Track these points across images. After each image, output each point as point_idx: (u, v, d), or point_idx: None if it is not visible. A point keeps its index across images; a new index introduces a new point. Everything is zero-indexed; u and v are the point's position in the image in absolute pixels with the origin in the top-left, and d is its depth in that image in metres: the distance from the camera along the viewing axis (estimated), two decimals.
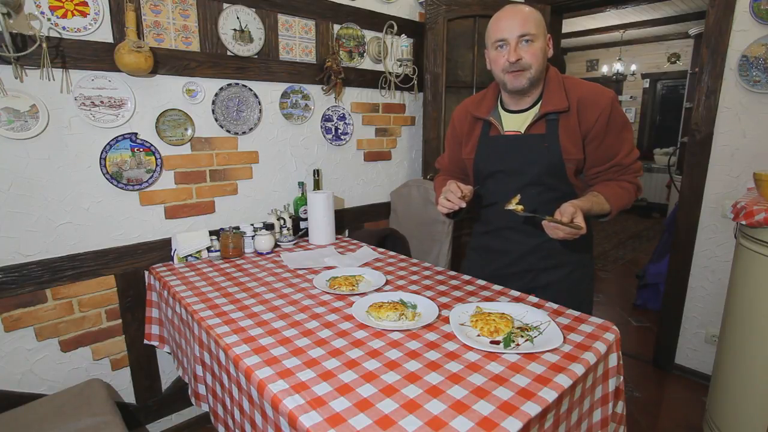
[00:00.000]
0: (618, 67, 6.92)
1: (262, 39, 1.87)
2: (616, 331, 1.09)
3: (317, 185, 2.13)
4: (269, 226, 1.89)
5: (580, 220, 1.07)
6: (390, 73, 2.35)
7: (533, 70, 1.18)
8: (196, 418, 1.92)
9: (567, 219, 1.07)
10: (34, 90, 1.40)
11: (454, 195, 1.20)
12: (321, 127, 2.16)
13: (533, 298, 1.29)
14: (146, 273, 1.69)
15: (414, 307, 1.22)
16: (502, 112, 1.33)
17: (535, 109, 1.25)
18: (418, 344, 1.04)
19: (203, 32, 1.72)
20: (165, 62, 1.63)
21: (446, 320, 1.15)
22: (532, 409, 0.80)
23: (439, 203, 1.25)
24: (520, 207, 1.14)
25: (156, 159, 1.68)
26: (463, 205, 1.20)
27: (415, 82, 2.44)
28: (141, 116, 1.63)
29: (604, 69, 7.32)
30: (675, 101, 6.88)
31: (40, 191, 1.46)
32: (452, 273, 1.53)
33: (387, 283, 1.45)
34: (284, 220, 1.98)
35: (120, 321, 1.69)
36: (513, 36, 1.16)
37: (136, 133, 1.62)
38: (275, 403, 0.84)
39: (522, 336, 1.03)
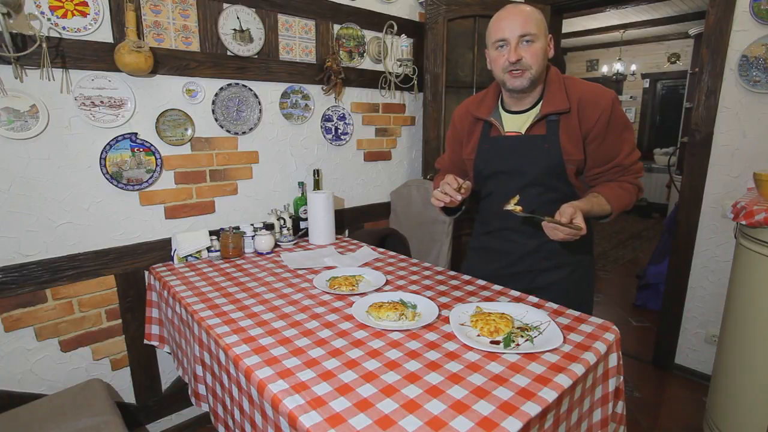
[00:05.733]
0: (618, 67, 6.92)
1: (262, 39, 1.87)
2: (616, 331, 1.09)
3: (317, 185, 2.13)
4: (269, 226, 1.89)
5: (579, 221, 1.07)
6: (390, 73, 2.35)
7: (534, 71, 1.18)
8: (196, 418, 1.93)
9: (566, 220, 1.07)
10: (34, 90, 1.40)
11: (450, 187, 1.18)
12: (321, 127, 2.16)
13: (533, 298, 1.29)
14: (146, 273, 1.69)
15: (414, 307, 1.22)
16: (502, 113, 1.32)
17: (536, 110, 1.25)
18: (418, 344, 1.04)
19: (203, 32, 1.72)
20: (165, 62, 1.63)
21: (446, 320, 1.15)
22: (532, 409, 0.80)
23: (434, 195, 1.22)
24: (518, 207, 1.13)
25: (156, 159, 1.68)
26: (459, 198, 1.18)
27: (415, 82, 2.44)
28: (141, 116, 1.63)
29: (604, 69, 7.31)
30: (675, 101, 6.88)
31: (40, 191, 1.46)
32: (452, 273, 1.53)
33: (387, 283, 1.45)
34: (284, 220, 1.97)
35: (120, 321, 1.69)
36: (513, 36, 1.15)
37: (136, 133, 1.62)
38: (275, 403, 0.84)
39: (522, 336, 1.03)
